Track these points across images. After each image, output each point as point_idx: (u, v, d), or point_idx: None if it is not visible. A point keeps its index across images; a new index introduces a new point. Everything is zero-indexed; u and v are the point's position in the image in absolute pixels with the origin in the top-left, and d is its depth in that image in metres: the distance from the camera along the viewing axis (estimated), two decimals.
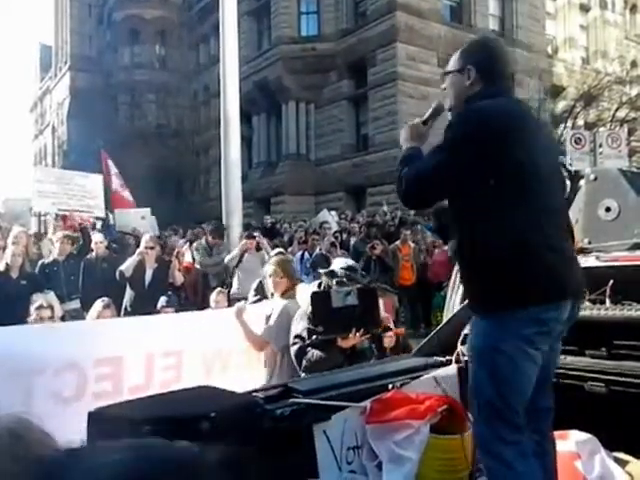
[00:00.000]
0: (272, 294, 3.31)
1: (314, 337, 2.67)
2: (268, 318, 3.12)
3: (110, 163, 10.45)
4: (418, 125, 1.91)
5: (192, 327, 3.03)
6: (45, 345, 2.45)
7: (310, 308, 2.65)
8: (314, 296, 2.72)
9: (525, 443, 1.58)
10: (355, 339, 2.62)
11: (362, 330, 2.61)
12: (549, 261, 1.56)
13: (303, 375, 2.66)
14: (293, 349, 2.78)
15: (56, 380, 2.37)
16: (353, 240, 8.59)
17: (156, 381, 2.67)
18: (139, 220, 9.67)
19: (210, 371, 2.88)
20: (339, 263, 2.97)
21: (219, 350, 3.02)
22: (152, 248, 5.30)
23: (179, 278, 5.52)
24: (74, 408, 2.21)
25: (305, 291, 3.03)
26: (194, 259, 6.44)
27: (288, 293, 3.19)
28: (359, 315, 2.59)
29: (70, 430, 0.76)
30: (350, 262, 3.06)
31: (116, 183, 10.31)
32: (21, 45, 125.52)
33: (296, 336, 2.78)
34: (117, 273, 5.21)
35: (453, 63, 1.86)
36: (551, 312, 1.55)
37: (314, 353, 2.67)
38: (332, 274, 2.82)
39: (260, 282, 4.04)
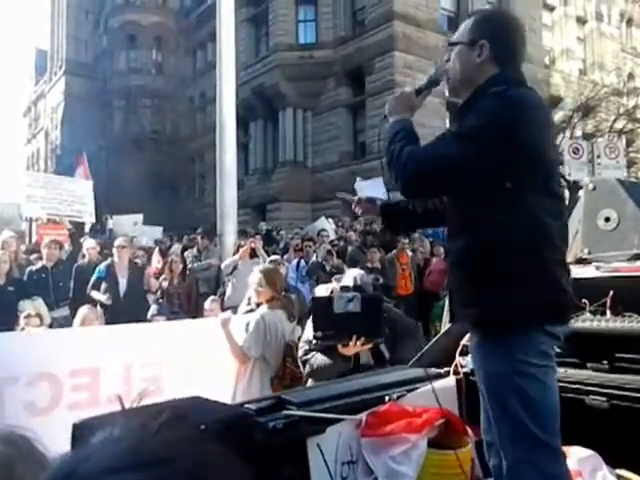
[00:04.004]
0: (257, 304, 3.25)
1: (314, 342, 2.62)
2: (247, 328, 3.05)
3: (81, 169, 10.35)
4: (410, 95, 1.63)
5: (174, 337, 2.94)
6: (19, 353, 2.36)
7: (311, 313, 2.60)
8: (315, 301, 2.67)
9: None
10: (355, 347, 2.54)
11: (363, 339, 2.52)
12: (563, 277, 1.45)
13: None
14: (299, 353, 2.75)
15: (29, 390, 2.29)
16: (350, 248, 8.53)
17: (135, 392, 2.58)
18: (132, 226, 9.63)
19: (192, 383, 2.77)
20: (349, 278, 2.82)
21: (202, 361, 2.93)
22: (123, 247, 5.31)
23: (154, 284, 5.50)
24: (48, 419, 2.13)
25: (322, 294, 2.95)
26: (185, 265, 6.37)
27: (271, 303, 3.12)
28: (360, 323, 2.50)
29: (43, 442, 0.74)
30: (360, 277, 2.83)
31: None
32: (16, 49, 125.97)
33: (304, 341, 2.74)
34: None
35: (463, 32, 1.57)
36: (561, 326, 1.49)
37: (317, 358, 2.61)
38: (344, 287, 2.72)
39: None
